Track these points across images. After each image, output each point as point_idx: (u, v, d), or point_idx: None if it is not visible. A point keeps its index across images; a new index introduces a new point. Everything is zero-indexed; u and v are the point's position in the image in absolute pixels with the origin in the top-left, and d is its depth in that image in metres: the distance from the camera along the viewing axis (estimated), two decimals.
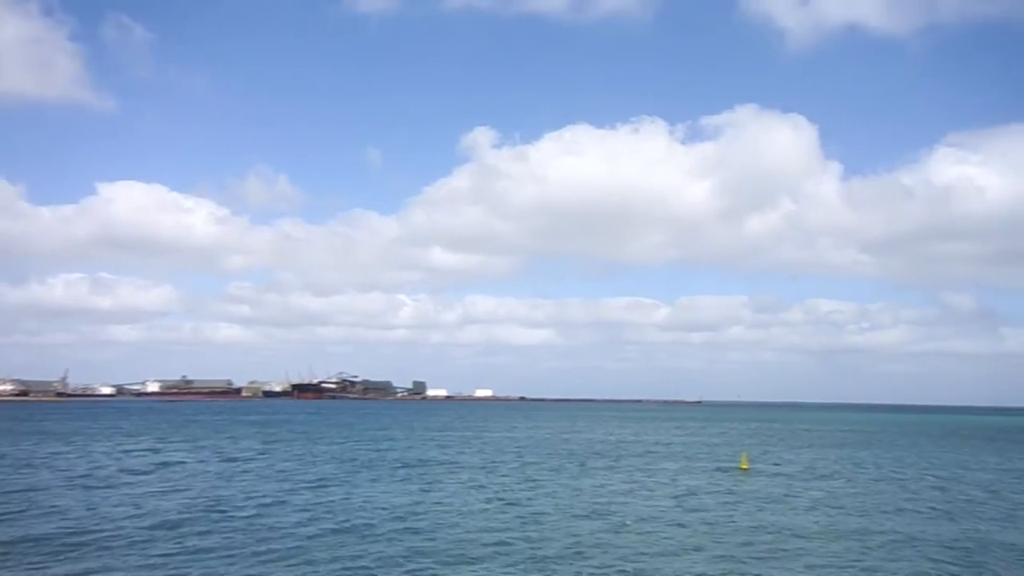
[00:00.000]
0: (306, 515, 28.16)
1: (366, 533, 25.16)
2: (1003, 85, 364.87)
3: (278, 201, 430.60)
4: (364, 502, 31.49)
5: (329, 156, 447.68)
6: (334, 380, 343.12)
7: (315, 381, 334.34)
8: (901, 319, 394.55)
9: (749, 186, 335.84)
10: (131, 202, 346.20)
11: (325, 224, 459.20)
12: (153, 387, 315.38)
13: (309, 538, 24.20)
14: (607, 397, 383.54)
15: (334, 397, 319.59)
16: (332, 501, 31.62)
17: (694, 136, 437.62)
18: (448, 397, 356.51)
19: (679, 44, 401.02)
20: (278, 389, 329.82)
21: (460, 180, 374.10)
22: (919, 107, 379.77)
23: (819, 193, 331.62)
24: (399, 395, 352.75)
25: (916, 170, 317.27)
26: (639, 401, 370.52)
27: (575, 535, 25.45)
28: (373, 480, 39.23)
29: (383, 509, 29.78)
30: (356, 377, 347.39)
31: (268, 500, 31.57)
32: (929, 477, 45.42)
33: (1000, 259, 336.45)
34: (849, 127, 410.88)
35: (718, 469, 48.11)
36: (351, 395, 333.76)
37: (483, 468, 46.23)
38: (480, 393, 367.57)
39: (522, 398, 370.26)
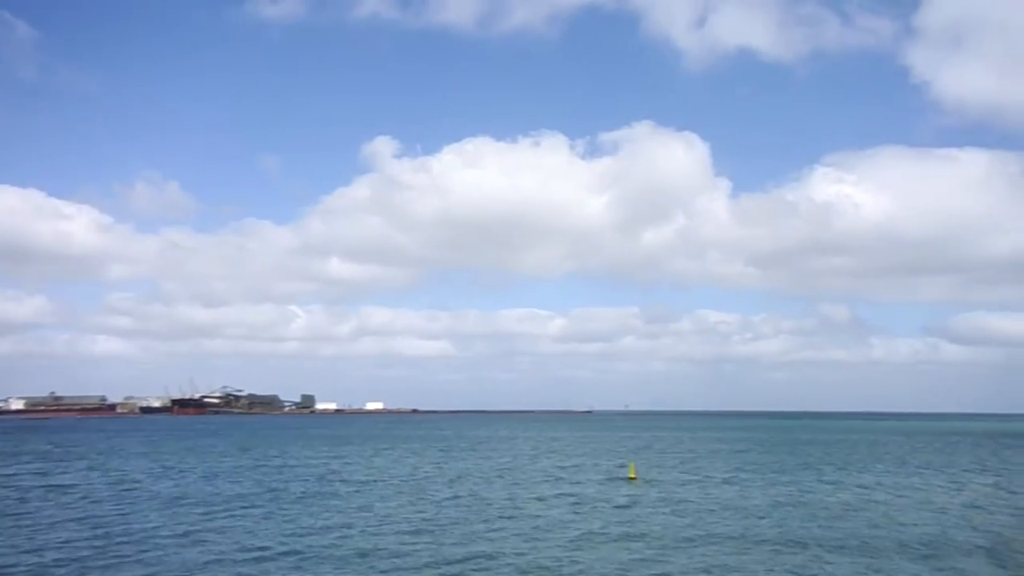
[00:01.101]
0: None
1: None
2: (877, 111, 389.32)
3: (167, 209, 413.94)
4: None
5: (224, 164, 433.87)
6: (217, 395, 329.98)
7: (197, 396, 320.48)
8: (782, 329, 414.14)
9: (644, 200, 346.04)
10: (2, 207, 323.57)
11: (216, 233, 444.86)
12: (17, 404, 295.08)
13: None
14: (500, 408, 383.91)
15: (217, 412, 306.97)
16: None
17: (593, 151, 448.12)
18: (338, 411, 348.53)
19: (582, 62, 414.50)
20: (157, 405, 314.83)
21: (360, 190, 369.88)
22: (802, 129, 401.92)
23: (710, 208, 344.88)
24: (286, 409, 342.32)
25: (798, 188, 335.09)
26: (531, 412, 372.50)
27: (467, 545, 24.48)
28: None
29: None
30: (241, 391, 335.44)
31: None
32: (802, 484, 46.53)
33: (872, 273, 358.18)
34: (739, 146, 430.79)
35: (607, 479, 47.87)
36: (236, 410, 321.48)
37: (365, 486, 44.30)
38: (371, 406, 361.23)
39: (414, 410, 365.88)
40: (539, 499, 38.27)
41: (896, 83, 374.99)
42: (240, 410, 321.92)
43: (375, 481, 46.66)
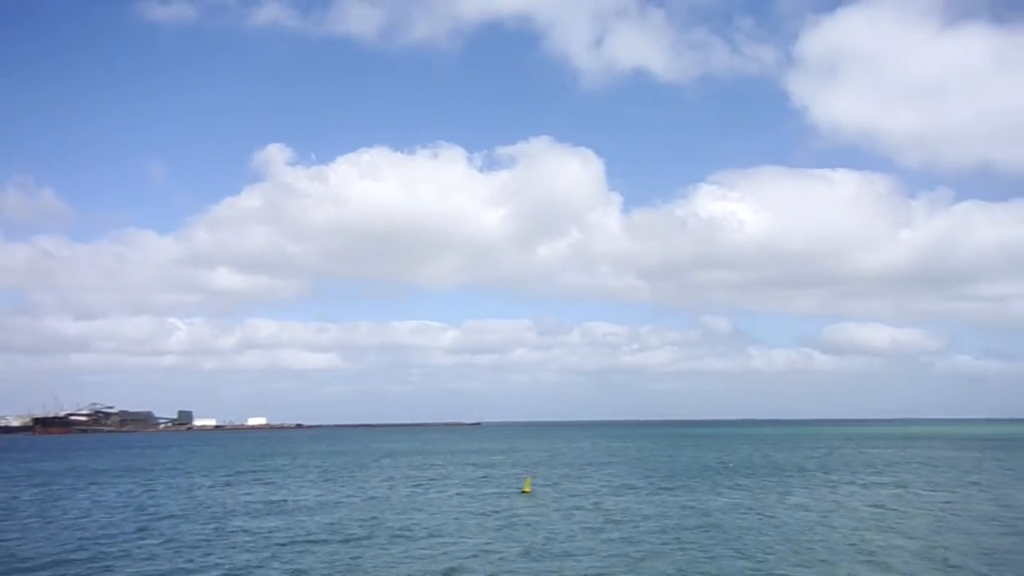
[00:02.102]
0: None
1: None
2: (760, 133, 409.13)
3: (39, 216, 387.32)
4: None
5: (105, 170, 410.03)
6: (85, 412, 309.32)
7: (62, 414, 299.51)
8: (667, 340, 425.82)
9: (540, 214, 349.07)
10: None
11: (93, 242, 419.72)
12: None
13: None
14: (389, 421, 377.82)
15: (85, 431, 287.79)
16: None
17: (491, 164, 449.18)
18: (218, 427, 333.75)
19: (482, 77, 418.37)
20: (16, 424, 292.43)
21: (250, 199, 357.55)
22: (691, 148, 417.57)
23: (603, 223, 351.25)
24: (161, 426, 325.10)
25: (686, 204, 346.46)
26: (421, 424, 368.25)
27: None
28: None
29: None
30: (112, 408, 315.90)
31: None
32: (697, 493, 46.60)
33: (752, 286, 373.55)
34: (632, 162, 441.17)
35: (502, 493, 46.60)
36: (106, 428, 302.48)
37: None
38: (253, 421, 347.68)
39: (299, 425, 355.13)
40: (433, 516, 36.56)
41: (777, 107, 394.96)
42: (111, 428, 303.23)
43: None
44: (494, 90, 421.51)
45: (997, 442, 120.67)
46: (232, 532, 31.78)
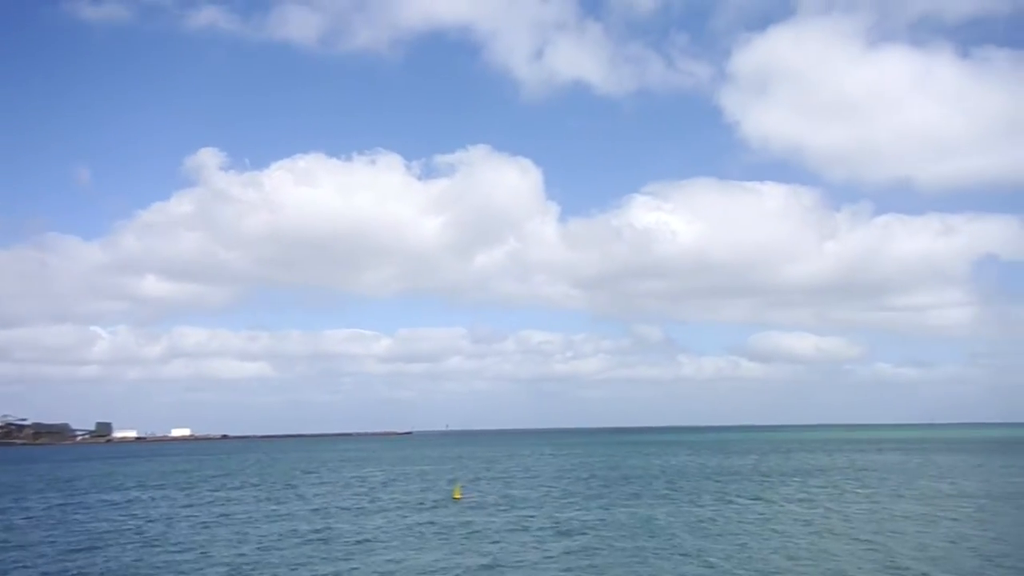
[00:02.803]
0: None
1: None
2: (693, 145, 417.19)
3: None
4: None
5: (27, 173, 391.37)
6: None
7: None
8: (600, 349, 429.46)
9: (478, 223, 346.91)
10: None
11: (12, 248, 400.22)
12: None
13: None
14: (319, 431, 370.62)
15: None
16: None
17: (430, 172, 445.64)
18: (139, 439, 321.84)
19: (423, 86, 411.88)
20: None
21: (181, 204, 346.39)
22: (627, 159, 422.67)
23: (540, 232, 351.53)
24: (78, 439, 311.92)
25: (621, 214, 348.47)
26: (351, 434, 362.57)
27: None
28: None
29: None
30: (24, 420, 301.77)
31: None
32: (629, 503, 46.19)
33: (683, 295, 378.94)
34: (569, 172, 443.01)
35: (432, 501, 45.71)
36: (18, 441, 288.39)
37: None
38: (177, 432, 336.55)
39: (224, 436, 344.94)
40: (359, 525, 35.23)
41: (710, 121, 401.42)
42: (24, 441, 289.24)
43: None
44: (434, 99, 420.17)
45: (914, 445, 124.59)
46: (160, 552, 29.77)
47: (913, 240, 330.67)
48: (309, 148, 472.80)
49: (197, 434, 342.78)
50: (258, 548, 29.33)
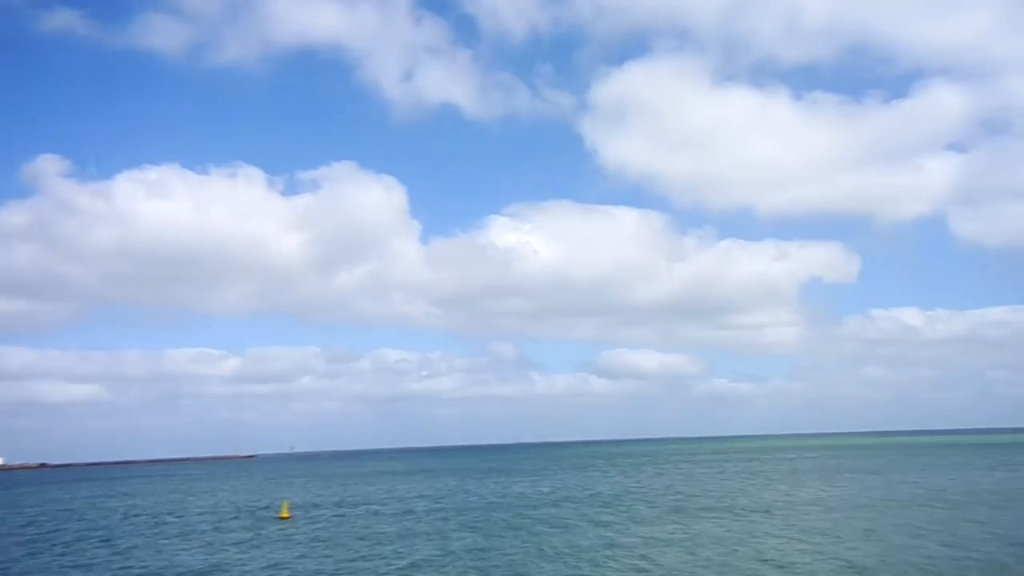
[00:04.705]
0: None
1: None
2: (556, 170, 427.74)
3: None
4: None
5: None
6: None
7: None
8: (456, 367, 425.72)
9: (340, 240, 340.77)
10: None
11: None
12: None
13: None
14: (154, 457, 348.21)
15: None
16: None
17: (293, 188, 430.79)
18: None
19: (290, 102, 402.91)
20: None
21: (15, 215, 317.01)
22: (491, 181, 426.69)
23: (402, 250, 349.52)
24: None
25: (482, 234, 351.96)
26: (189, 459, 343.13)
27: None
28: None
29: None
30: None
31: None
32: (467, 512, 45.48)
33: (539, 314, 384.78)
34: (434, 192, 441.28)
35: (257, 520, 44.13)
36: None
37: None
38: None
39: (43, 464, 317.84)
40: (180, 547, 32.42)
41: (571, 148, 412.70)
42: None
43: None
44: (301, 115, 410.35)
45: (751, 453, 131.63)
46: None
47: (751, 264, 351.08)
48: (163, 159, 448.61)
49: (11, 463, 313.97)
50: None
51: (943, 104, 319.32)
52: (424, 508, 46.65)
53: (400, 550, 29.91)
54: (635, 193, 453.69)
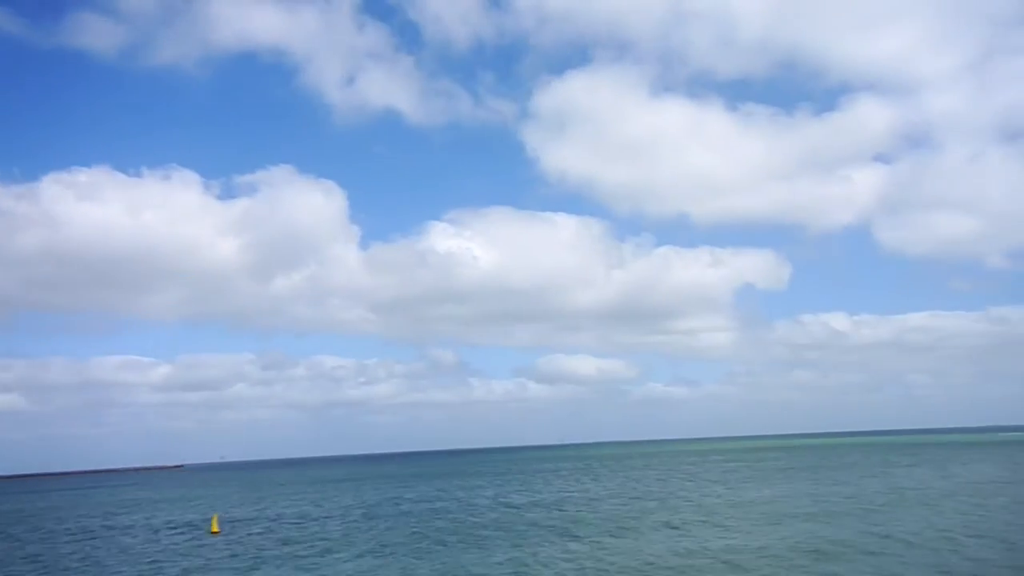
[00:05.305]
0: None
1: None
2: (498, 177, 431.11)
3: None
4: None
5: None
6: None
7: None
8: (394, 373, 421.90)
9: (278, 245, 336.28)
10: None
11: None
12: None
13: None
14: (74, 468, 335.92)
15: None
16: None
17: (230, 192, 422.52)
18: None
19: (229, 105, 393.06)
20: None
21: None
22: (432, 187, 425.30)
23: (341, 256, 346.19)
24: None
25: (421, 240, 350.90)
26: (114, 470, 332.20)
27: None
28: None
29: None
30: None
31: None
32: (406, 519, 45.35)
33: (479, 319, 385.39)
34: (374, 197, 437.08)
35: (187, 535, 43.00)
36: None
37: None
38: None
39: None
40: (107, 564, 31.55)
41: (514, 155, 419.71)
42: None
43: None
44: (240, 118, 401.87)
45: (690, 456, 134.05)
46: None
47: (687, 270, 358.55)
48: (93, 161, 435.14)
49: None
50: None
51: (869, 118, 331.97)
52: (358, 517, 46.26)
53: (334, 562, 29.76)
54: (575, 200, 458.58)
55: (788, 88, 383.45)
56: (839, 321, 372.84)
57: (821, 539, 29.39)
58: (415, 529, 39.26)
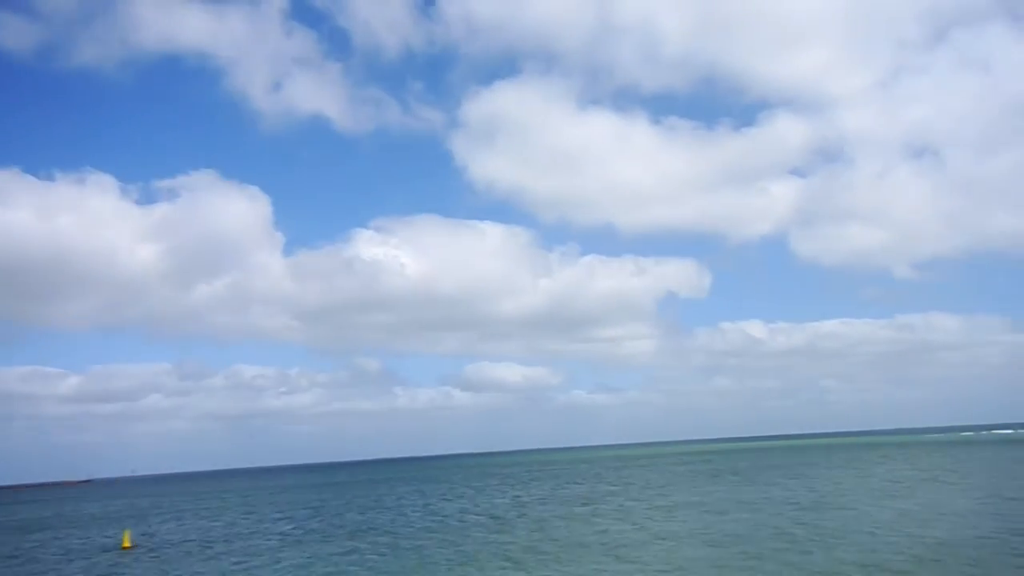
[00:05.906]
0: None
1: None
2: (426, 185, 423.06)
3: None
4: None
5: None
6: None
7: None
8: (317, 382, 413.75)
9: (198, 251, 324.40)
10: None
11: None
12: None
13: None
14: None
15: None
16: None
17: (149, 197, 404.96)
18: None
19: (149, 108, 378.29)
20: None
21: None
22: (359, 194, 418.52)
23: (264, 263, 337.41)
24: None
25: (347, 248, 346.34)
26: (12, 487, 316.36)
27: None
28: None
29: None
30: None
31: None
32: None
33: (405, 328, 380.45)
34: (300, 204, 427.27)
35: (98, 552, 41.38)
36: None
37: None
38: None
39: None
40: None
41: (442, 164, 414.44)
42: None
43: None
44: (161, 122, 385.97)
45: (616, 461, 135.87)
46: None
47: (611, 279, 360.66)
48: (1, 163, 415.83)
49: None
50: None
51: (786, 133, 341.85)
52: (273, 530, 45.37)
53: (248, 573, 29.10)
54: (502, 209, 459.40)
55: (709, 103, 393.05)
56: (756, 328, 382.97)
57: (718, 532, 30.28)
58: (333, 535, 38.73)
